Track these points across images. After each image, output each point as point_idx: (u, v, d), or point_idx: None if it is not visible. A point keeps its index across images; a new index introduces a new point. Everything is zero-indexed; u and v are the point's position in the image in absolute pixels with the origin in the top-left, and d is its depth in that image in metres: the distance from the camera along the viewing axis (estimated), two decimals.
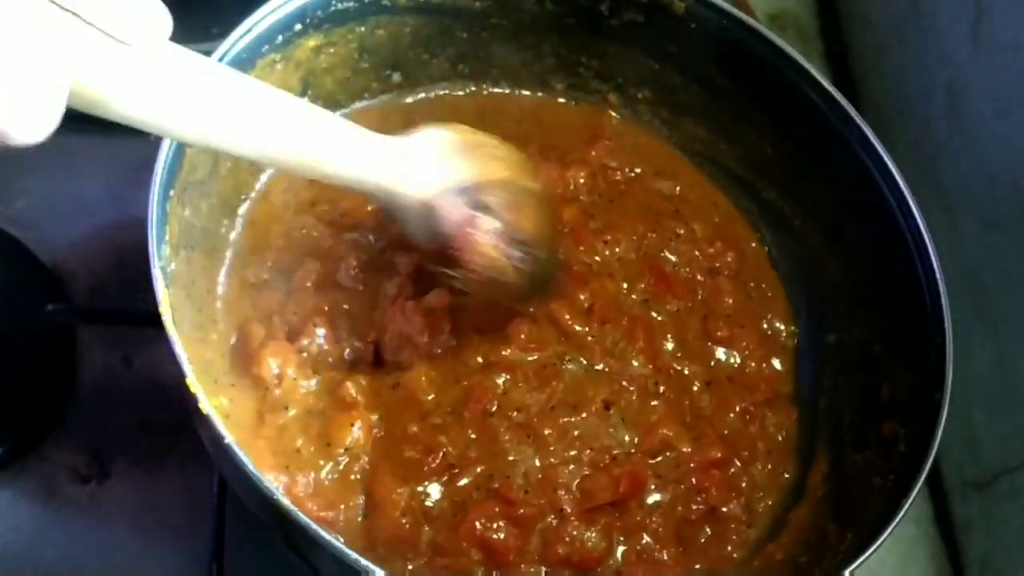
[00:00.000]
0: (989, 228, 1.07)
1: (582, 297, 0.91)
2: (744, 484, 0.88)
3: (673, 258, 0.96)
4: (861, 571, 0.75)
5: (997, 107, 1.07)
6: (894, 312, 0.90)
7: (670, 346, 0.92)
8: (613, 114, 1.03)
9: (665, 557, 0.83)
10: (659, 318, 0.93)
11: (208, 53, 0.80)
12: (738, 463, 0.88)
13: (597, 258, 0.94)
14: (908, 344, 0.87)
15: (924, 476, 0.78)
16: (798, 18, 1.37)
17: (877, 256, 0.91)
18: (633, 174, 1.00)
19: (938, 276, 0.85)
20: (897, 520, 0.76)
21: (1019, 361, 1.04)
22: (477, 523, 0.80)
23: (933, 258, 0.86)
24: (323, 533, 0.68)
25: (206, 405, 0.70)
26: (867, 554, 0.75)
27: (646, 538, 0.83)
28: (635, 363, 0.90)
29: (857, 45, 1.34)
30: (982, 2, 1.09)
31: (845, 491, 0.87)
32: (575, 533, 0.82)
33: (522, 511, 0.81)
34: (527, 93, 1.03)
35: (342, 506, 0.80)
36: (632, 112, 1.03)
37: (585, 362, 0.89)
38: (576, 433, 0.86)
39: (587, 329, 0.90)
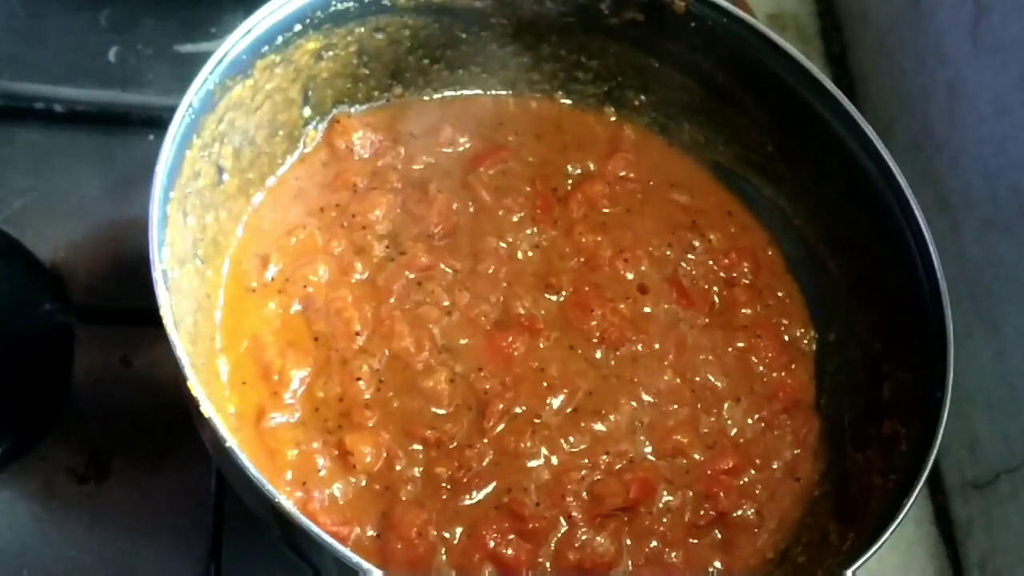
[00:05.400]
0: (989, 228, 1.07)
1: (598, 317, 0.91)
2: (757, 491, 0.88)
3: (692, 271, 0.96)
4: (860, 571, 0.75)
5: (997, 107, 1.07)
6: (894, 311, 0.90)
7: (697, 359, 0.92)
8: (629, 125, 1.03)
9: (674, 559, 0.83)
10: (689, 333, 0.93)
11: (208, 53, 0.81)
12: (752, 471, 0.88)
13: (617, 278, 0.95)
14: (908, 343, 0.87)
15: (925, 475, 0.78)
16: (798, 18, 1.38)
17: (877, 256, 0.91)
18: (650, 185, 1.00)
19: (938, 276, 0.85)
20: (899, 520, 0.76)
21: (1019, 361, 1.04)
22: (489, 539, 0.80)
23: (934, 257, 0.86)
24: (324, 535, 0.68)
25: (208, 408, 0.70)
26: (869, 554, 0.75)
27: (655, 542, 0.84)
28: (665, 377, 0.90)
29: (857, 45, 1.34)
30: (982, 2, 1.09)
31: (846, 490, 0.87)
32: (584, 539, 0.82)
33: (533, 525, 0.81)
34: (528, 95, 1.03)
35: (356, 524, 0.80)
36: (631, 112, 1.03)
37: (608, 371, 0.90)
38: (593, 439, 0.86)
39: (609, 351, 0.91)
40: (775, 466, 0.89)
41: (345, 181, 0.93)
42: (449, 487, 0.82)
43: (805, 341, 0.96)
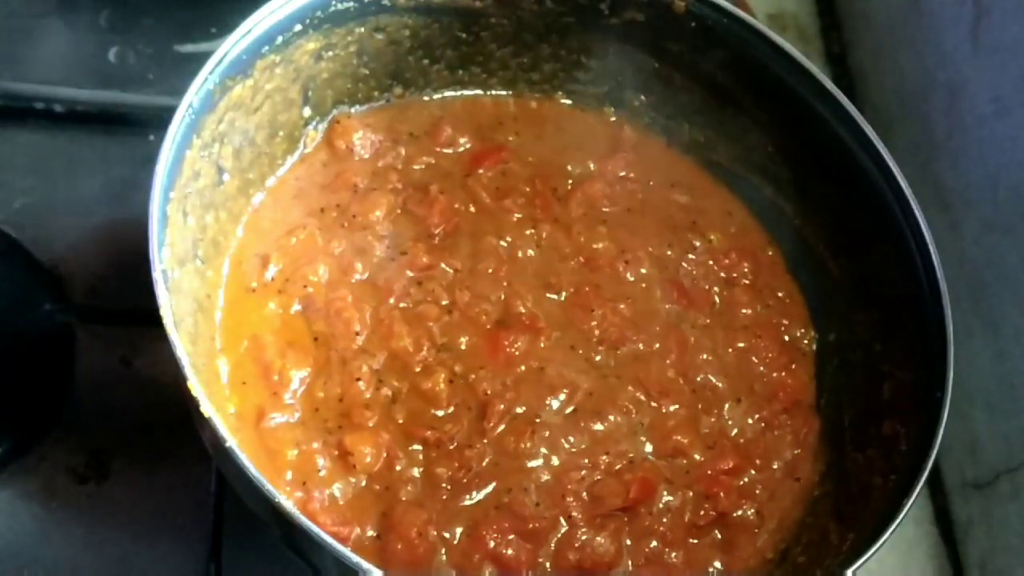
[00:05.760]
0: (989, 228, 1.07)
1: (599, 317, 0.91)
2: (757, 491, 0.88)
3: (692, 271, 0.96)
4: (860, 571, 0.75)
5: (997, 107, 1.07)
6: (894, 312, 0.90)
7: (698, 359, 0.92)
8: (629, 125, 1.03)
9: (674, 559, 0.83)
10: (690, 333, 0.93)
11: (208, 53, 0.81)
12: (752, 471, 0.88)
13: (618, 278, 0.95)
14: (908, 343, 0.87)
15: (925, 475, 0.78)
16: (798, 18, 1.38)
17: (877, 256, 0.91)
18: (650, 185, 1.00)
19: (938, 276, 0.85)
20: (899, 520, 0.76)
21: (1019, 361, 1.04)
22: (489, 539, 0.80)
23: (934, 258, 0.86)
24: (324, 535, 0.68)
25: (208, 408, 0.70)
26: (869, 554, 0.75)
27: (655, 542, 0.84)
28: (667, 376, 0.90)
29: (857, 45, 1.34)
30: (982, 2, 1.09)
31: (846, 490, 0.87)
32: (584, 539, 0.82)
33: (533, 525, 0.82)
34: (528, 95, 1.03)
35: (356, 524, 0.80)
36: (631, 113, 1.03)
37: (608, 371, 0.90)
38: (593, 439, 0.86)
39: (610, 351, 0.91)
40: (775, 466, 0.89)
41: (345, 181, 0.94)
42: (449, 487, 0.82)
43: (805, 341, 0.96)
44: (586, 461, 0.85)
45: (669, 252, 0.96)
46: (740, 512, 0.86)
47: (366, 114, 0.98)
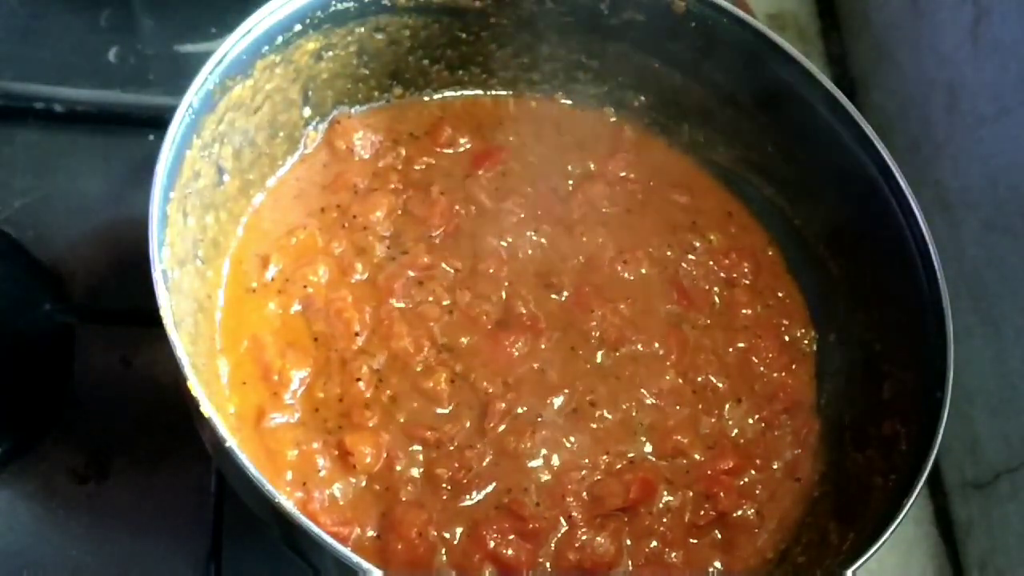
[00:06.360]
0: (989, 229, 1.07)
1: (599, 318, 0.91)
2: (757, 491, 0.88)
3: (692, 271, 0.96)
4: (860, 571, 0.75)
5: (997, 107, 1.07)
6: (894, 312, 0.90)
7: (698, 359, 0.92)
8: (629, 125, 1.03)
9: (674, 559, 0.83)
10: (690, 333, 0.93)
11: (208, 53, 0.81)
12: (752, 471, 0.88)
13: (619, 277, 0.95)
14: (908, 343, 0.87)
15: (925, 475, 0.78)
16: (798, 18, 1.38)
17: (877, 256, 0.92)
18: (650, 185, 1.00)
19: (938, 276, 0.85)
20: (899, 520, 0.76)
21: (1019, 361, 1.04)
22: (489, 539, 0.80)
23: (934, 257, 0.86)
24: (324, 535, 0.68)
25: (208, 408, 0.70)
26: (869, 554, 0.75)
27: (655, 542, 0.84)
28: (667, 377, 0.90)
29: (857, 45, 1.34)
30: (982, 2, 1.09)
31: (846, 490, 0.87)
32: (584, 539, 0.82)
33: (533, 525, 0.82)
34: (528, 95, 1.03)
35: (356, 524, 0.80)
36: (631, 113, 1.03)
37: (609, 372, 0.90)
38: (593, 439, 0.86)
39: (610, 351, 0.91)
40: (775, 466, 0.89)
41: (346, 182, 0.94)
42: (449, 487, 0.82)
43: (805, 341, 0.96)
44: (586, 461, 0.85)
45: (669, 252, 0.97)
46: (740, 512, 0.86)
47: (366, 114, 0.98)
